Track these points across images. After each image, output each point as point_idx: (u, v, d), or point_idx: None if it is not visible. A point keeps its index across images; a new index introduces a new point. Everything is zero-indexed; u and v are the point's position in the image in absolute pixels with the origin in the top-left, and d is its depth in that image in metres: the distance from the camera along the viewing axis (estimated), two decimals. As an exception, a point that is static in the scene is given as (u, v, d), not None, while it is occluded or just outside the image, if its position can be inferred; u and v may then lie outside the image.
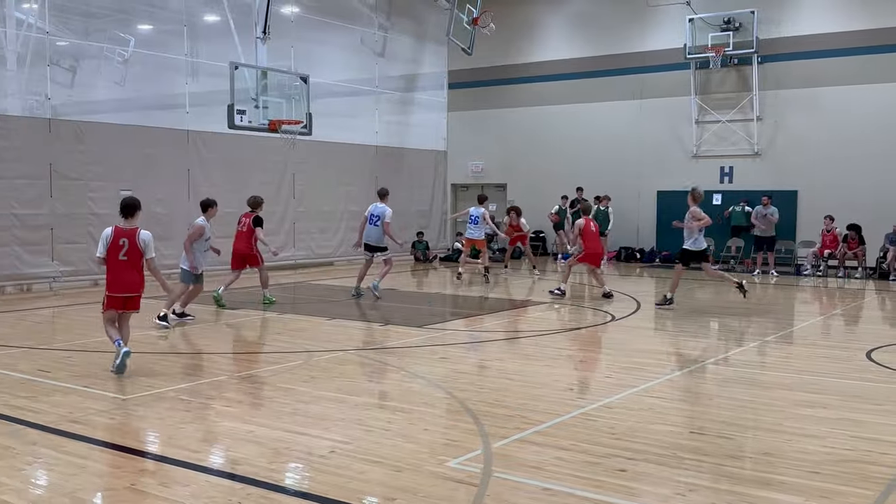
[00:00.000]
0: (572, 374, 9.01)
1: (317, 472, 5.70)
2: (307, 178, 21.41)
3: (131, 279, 8.58)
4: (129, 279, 8.57)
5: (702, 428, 6.78)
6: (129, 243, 8.50)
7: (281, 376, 8.82)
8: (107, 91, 19.99)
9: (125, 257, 8.50)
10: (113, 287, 8.61)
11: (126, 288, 8.59)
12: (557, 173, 25.21)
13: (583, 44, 25.55)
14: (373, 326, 12.31)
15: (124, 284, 8.58)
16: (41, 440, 6.40)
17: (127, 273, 8.54)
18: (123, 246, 8.50)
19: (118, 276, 8.57)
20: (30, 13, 16.93)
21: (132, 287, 8.62)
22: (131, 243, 8.50)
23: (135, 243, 8.51)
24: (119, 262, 8.52)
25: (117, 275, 8.56)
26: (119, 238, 8.53)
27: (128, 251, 8.50)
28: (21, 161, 15.77)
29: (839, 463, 5.88)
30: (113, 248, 8.52)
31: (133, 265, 8.54)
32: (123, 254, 8.50)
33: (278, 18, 19.89)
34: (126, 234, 8.54)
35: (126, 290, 8.59)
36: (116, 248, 8.51)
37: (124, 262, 8.50)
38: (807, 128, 22.07)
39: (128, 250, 8.50)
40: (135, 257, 8.54)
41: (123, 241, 8.51)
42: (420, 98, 25.57)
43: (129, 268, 8.52)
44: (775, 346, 10.97)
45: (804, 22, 22.21)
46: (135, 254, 8.53)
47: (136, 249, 8.51)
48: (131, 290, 8.62)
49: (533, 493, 5.28)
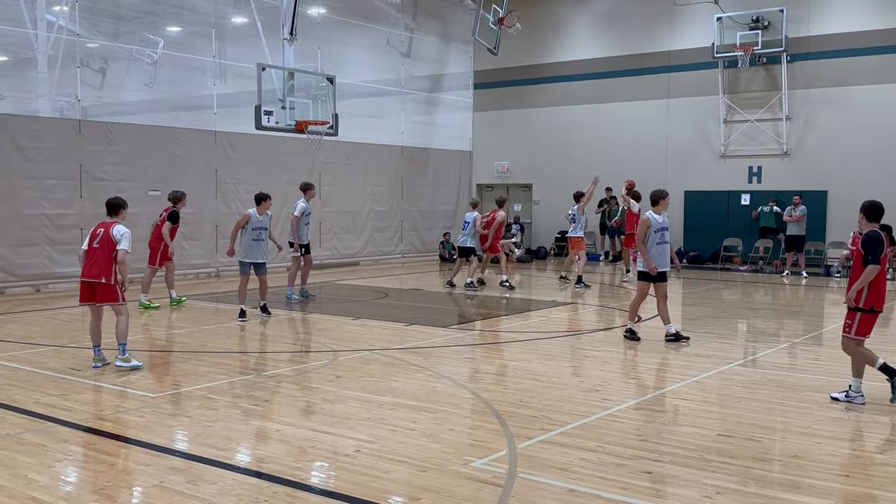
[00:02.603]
0: (598, 375, 8.96)
1: (342, 471, 5.72)
2: (333, 179, 21.50)
3: (95, 266, 8.84)
4: (91, 266, 8.85)
5: (729, 430, 6.71)
6: (103, 233, 8.89)
7: (307, 376, 8.86)
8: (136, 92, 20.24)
9: (97, 245, 8.88)
10: (81, 273, 8.99)
11: (87, 273, 8.88)
12: (583, 173, 25.04)
13: (609, 43, 25.41)
14: (398, 326, 12.34)
15: (87, 270, 8.89)
16: (71, 438, 6.48)
17: (93, 260, 8.86)
18: (98, 235, 8.91)
19: (86, 263, 8.93)
20: (60, 15, 17.16)
21: (94, 273, 8.84)
22: (105, 233, 8.87)
23: (108, 234, 8.85)
24: (92, 251, 8.90)
25: (86, 262, 8.94)
26: (98, 228, 9.00)
27: (101, 240, 8.88)
28: (51, 162, 15.99)
29: (869, 466, 5.80)
30: (91, 238, 8.97)
31: (102, 254, 8.84)
32: (97, 242, 8.89)
33: (305, 20, 19.99)
34: (104, 225, 8.98)
35: (86, 275, 8.88)
36: (93, 238, 8.95)
37: (95, 249, 8.88)
38: (836, 127, 21.80)
39: (101, 239, 8.88)
40: (105, 247, 8.83)
41: (100, 230, 8.94)
42: (446, 98, 25.59)
43: (97, 256, 8.85)
44: (805, 348, 10.85)
45: (833, 20, 21.94)
46: (106, 243, 8.83)
47: (108, 240, 8.83)
48: (92, 276, 8.84)
49: (558, 495, 5.26)
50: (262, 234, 12.76)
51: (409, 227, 23.94)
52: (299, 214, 14.53)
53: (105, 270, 8.86)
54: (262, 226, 12.73)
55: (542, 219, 26.63)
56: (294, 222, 14.55)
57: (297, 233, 14.57)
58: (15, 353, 9.95)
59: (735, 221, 22.89)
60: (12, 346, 10.48)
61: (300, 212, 14.53)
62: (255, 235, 12.64)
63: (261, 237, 12.72)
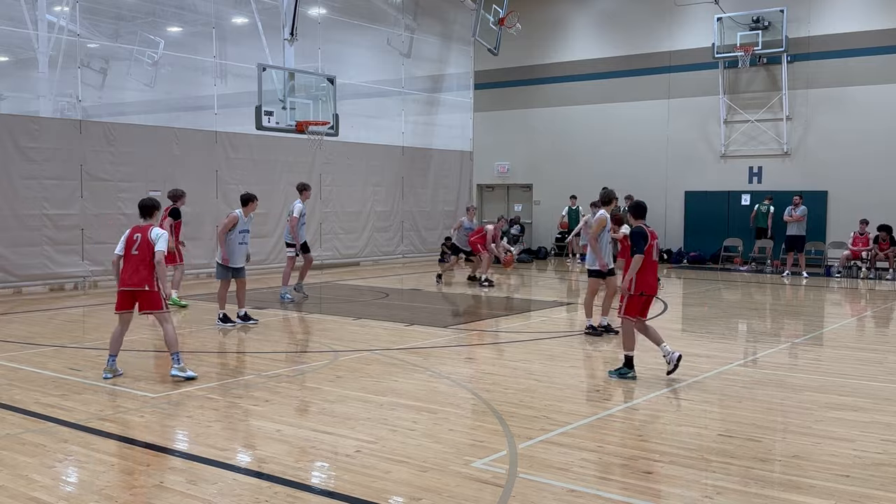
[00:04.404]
0: (598, 375, 8.96)
1: (343, 471, 5.72)
2: (334, 179, 21.51)
3: (137, 274, 8.40)
4: (133, 273, 8.41)
5: (730, 430, 6.71)
6: (141, 238, 8.48)
7: (307, 376, 8.86)
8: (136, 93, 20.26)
9: (136, 252, 8.46)
10: (120, 282, 8.59)
11: (128, 282, 8.47)
12: (584, 174, 25.10)
13: (610, 43, 25.43)
14: (398, 326, 12.33)
15: (128, 278, 8.48)
16: (71, 438, 6.48)
17: (133, 268, 8.44)
18: (136, 241, 8.49)
19: (125, 270, 8.52)
20: (61, 16, 17.18)
21: (136, 281, 8.40)
22: (143, 238, 8.47)
23: (146, 238, 8.46)
24: (130, 258, 8.49)
25: (125, 269, 8.52)
26: (134, 233, 8.56)
27: (139, 246, 8.46)
28: (52, 162, 16.00)
29: (870, 467, 5.80)
30: (128, 244, 8.54)
31: (142, 260, 8.44)
32: (135, 248, 8.47)
33: (305, 20, 20.00)
34: (140, 230, 8.56)
35: (127, 284, 8.47)
36: (130, 244, 8.53)
37: (135, 256, 8.46)
38: (837, 127, 21.80)
39: (139, 245, 8.46)
40: (145, 252, 8.41)
41: (137, 236, 8.51)
42: (446, 99, 25.59)
43: (137, 263, 8.44)
44: (805, 348, 10.85)
45: (834, 20, 21.94)
46: (146, 249, 8.42)
47: (147, 244, 8.44)
48: (134, 284, 8.41)
49: (558, 495, 5.26)
50: (247, 236, 12.28)
51: (409, 228, 23.94)
52: (298, 216, 14.50)
53: (148, 278, 8.41)
54: (247, 228, 12.26)
55: (543, 219, 26.65)
56: (294, 223, 14.50)
57: (297, 233, 14.54)
58: (15, 353, 9.95)
59: (735, 222, 22.90)
60: (13, 346, 10.48)
61: (298, 213, 14.51)
62: (241, 239, 12.14)
63: (245, 240, 12.23)
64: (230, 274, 12.17)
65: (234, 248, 12.09)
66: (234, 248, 12.08)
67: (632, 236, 8.64)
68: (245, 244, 12.25)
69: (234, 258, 12.12)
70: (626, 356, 8.74)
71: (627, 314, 8.75)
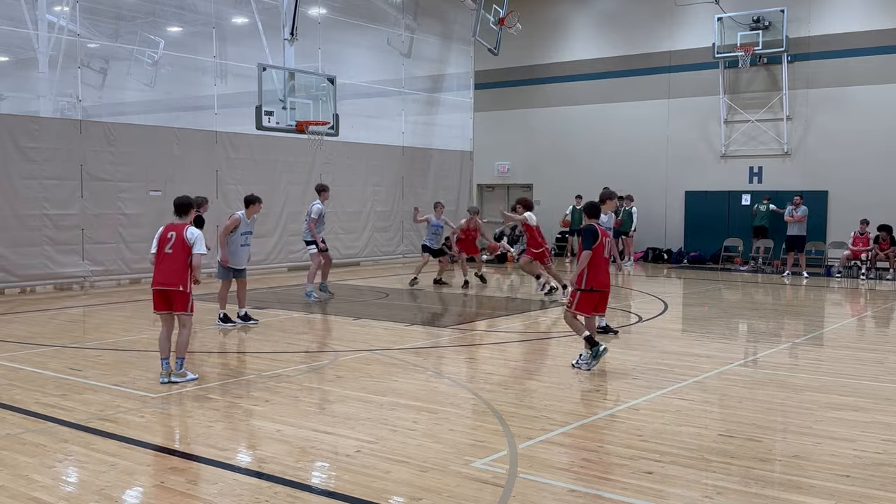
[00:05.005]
0: (599, 375, 8.96)
1: (343, 472, 5.72)
2: (334, 179, 21.48)
3: (169, 273, 8.27)
4: (167, 272, 8.28)
5: (730, 430, 6.71)
6: (176, 236, 8.33)
7: (308, 376, 8.86)
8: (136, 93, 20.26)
9: (170, 250, 8.32)
10: (153, 281, 8.47)
11: (160, 281, 8.35)
12: (584, 173, 25.10)
13: (610, 43, 25.43)
14: (398, 326, 12.33)
15: (160, 277, 8.36)
16: (72, 438, 6.48)
17: (167, 266, 8.28)
18: (171, 239, 8.34)
19: (157, 269, 8.39)
20: (61, 16, 17.18)
21: (169, 280, 8.27)
22: (178, 237, 8.32)
23: (182, 237, 8.30)
24: (164, 256, 8.35)
25: (157, 268, 8.39)
26: (168, 231, 8.41)
27: (174, 244, 8.31)
28: (52, 162, 16.00)
29: (870, 467, 5.79)
30: (161, 242, 8.40)
31: (176, 259, 8.26)
32: (169, 247, 8.32)
33: (305, 20, 20.00)
34: (175, 228, 8.41)
35: (160, 283, 8.35)
36: (164, 242, 8.38)
37: (168, 255, 8.31)
38: (837, 127, 21.80)
39: (174, 244, 8.31)
40: (179, 251, 8.27)
41: (172, 234, 8.36)
42: (446, 98, 25.59)
43: (170, 262, 8.30)
44: (805, 348, 10.85)
45: (834, 20, 21.94)
46: (180, 248, 8.27)
47: (182, 243, 8.30)
48: (166, 283, 8.28)
49: (559, 495, 5.26)
50: (249, 238, 12.23)
51: (409, 228, 23.93)
52: (317, 217, 14.47)
53: (182, 277, 8.25)
54: (250, 230, 12.22)
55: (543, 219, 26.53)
56: (313, 225, 14.45)
57: (316, 233, 14.52)
58: (16, 353, 9.95)
59: (736, 222, 22.90)
60: (13, 346, 10.48)
61: (317, 214, 14.48)
62: (244, 241, 12.08)
63: (247, 242, 12.19)
64: (231, 274, 12.15)
65: (236, 249, 12.04)
66: (235, 249, 12.04)
67: (584, 233, 9.12)
68: (247, 246, 12.23)
69: (235, 259, 12.08)
70: (585, 339, 8.98)
71: (579, 310, 9.10)
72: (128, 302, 15.00)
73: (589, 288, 9.03)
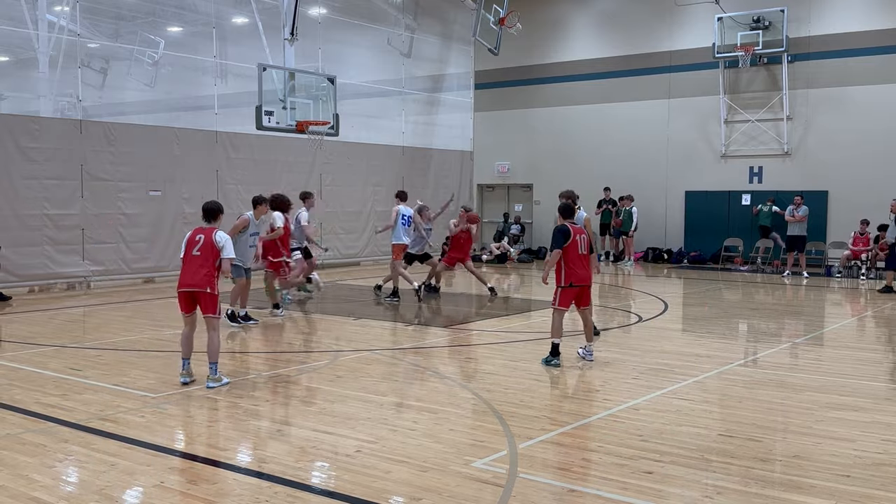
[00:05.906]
0: (598, 375, 8.96)
1: (343, 471, 5.72)
2: (334, 179, 21.52)
3: (195, 275, 8.22)
4: (192, 274, 8.23)
5: (730, 430, 6.71)
6: (204, 239, 8.31)
7: (308, 376, 8.86)
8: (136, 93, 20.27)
9: (198, 252, 8.29)
10: (179, 283, 8.44)
11: (186, 283, 8.31)
12: (584, 173, 25.08)
13: (610, 43, 25.42)
14: (399, 326, 12.33)
15: (186, 279, 8.32)
16: (72, 438, 6.48)
17: (193, 268, 8.24)
18: (199, 241, 8.32)
19: (184, 271, 8.37)
20: (61, 16, 17.18)
21: (195, 282, 8.21)
22: (207, 239, 8.30)
23: (210, 240, 8.28)
24: (191, 258, 8.32)
25: (185, 270, 8.37)
26: (196, 234, 8.41)
27: (202, 247, 8.28)
28: (53, 162, 16.00)
29: (870, 467, 5.80)
30: (189, 244, 8.37)
31: (204, 262, 8.21)
32: (197, 249, 8.29)
33: (306, 20, 20.00)
34: (204, 231, 8.39)
35: (185, 284, 8.31)
36: (192, 244, 8.36)
37: (196, 257, 8.28)
38: (837, 127, 21.79)
39: (202, 246, 8.29)
40: (207, 254, 8.23)
41: (200, 237, 8.34)
42: (447, 98, 25.59)
43: (197, 264, 8.26)
44: (805, 348, 10.85)
45: (834, 20, 21.93)
46: (208, 251, 8.23)
47: (211, 246, 8.24)
48: (193, 284, 8.22)
49: (559, 495, 5.26)
50: (255, 238, 12.31)
51: (409, 228, 23.92)
52: (307, 224, 14.44)
53: (209, 280, 8.21)
54: (258, 231, 12.32)
55: (543, 219, 26.62)
56: (309, 230, 14.52)
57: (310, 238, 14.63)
58: (16, 353, 9.96)
59: (736, 222, 22.90)
60: (14, 345, 10.49)
61: (306, 221, 14.45)
62: (252, 241, 12.17)
63: (255, 242, 12.28)
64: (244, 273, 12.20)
65: (245, 249, 12.11)
66: (244, 249, 12.10)
67: (554, 233, 9.45)
68: (254, 247, 12.34)
69: (244, 258, 12.16)
70: (553, 343, 9.32)
71: (560, 305, 9.43)
72: (128, 302, 15.01)
73: (568, 284, 9.34)
